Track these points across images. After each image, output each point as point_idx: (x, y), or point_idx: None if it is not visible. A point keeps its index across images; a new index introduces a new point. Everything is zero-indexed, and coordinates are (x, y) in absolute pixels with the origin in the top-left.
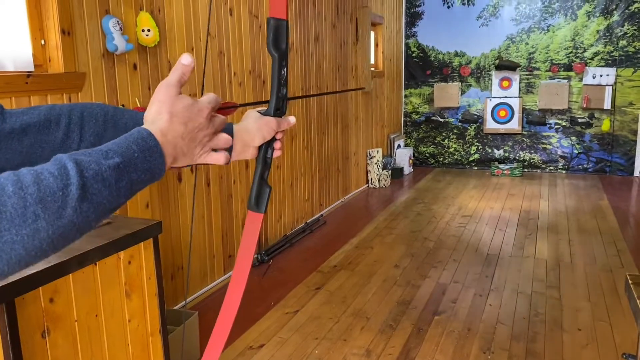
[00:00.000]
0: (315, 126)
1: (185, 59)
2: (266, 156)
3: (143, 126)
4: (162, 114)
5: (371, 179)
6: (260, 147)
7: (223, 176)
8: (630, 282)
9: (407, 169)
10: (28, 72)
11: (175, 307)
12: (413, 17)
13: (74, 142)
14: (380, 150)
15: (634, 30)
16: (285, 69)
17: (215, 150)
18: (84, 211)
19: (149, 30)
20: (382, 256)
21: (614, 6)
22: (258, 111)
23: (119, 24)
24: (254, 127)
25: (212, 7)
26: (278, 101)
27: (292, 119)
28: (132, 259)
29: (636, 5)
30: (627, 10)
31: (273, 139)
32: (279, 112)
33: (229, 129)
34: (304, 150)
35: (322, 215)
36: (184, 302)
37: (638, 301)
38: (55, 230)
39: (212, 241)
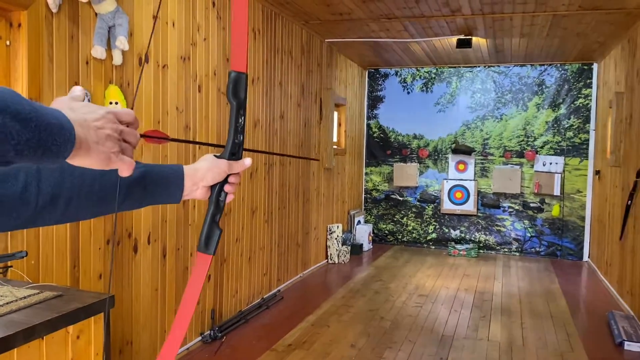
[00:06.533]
0: (276, 200)
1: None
2: (219, 199)
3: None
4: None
5: (331, 254)
6: (212, 189)
7: (180, 248)
8: None
9: (367, 245)
10: None
11: None
12: (375, 100)
13: (32, 194)
14: (340, 225)
15: (579, 122)
16: (242, 118)
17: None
18: None
19: (116, 103)
20: (339, 335)
21: (561, 100)
22: (214, 155)
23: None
24: (203, 167)
25: (182, 82)
26: (234, 146)
27: (247, 161)
28: (82, 333)
29: (580, 100)
30: (572, 105)
31: (226, 182)
32: (234, 157)
33: (179, 169)
34: (264, 224)
35: (279, 290)
36: None
37: None
38: None
39: (165, 316)
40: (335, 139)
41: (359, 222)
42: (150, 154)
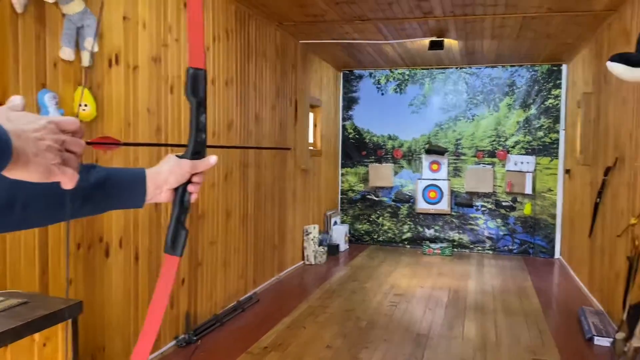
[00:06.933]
0: (252, 202)
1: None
2: (183, 199)
3: None
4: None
5: (307, 255)
6: (176, 191)
7: (153, 251)
8: None
9: (343, 246)
10: None
11: None
12: (349, 102)
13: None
14: (317, 226)
15: (549, 122)
16: (204, 115)
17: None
18: None
19: (85, 105)
20: (314, 336)
21: (531, 100)
22: (176, 155)
23: (55, 99)
24: (165, 169)
25: (153, 83)
26: (196, 145)
27: (212, 159)
28: (48, 340)
29: (550, 100)
30: (542, 105)
31: (190, 182)
32: (197, 155)
33: (141, 173)
34: (240, 226)
35: (255, 292)
36: None
37: None
38: None
39: (138, 319)
40: (311, 140)
41: (335, 222)
42: (121, 158)
